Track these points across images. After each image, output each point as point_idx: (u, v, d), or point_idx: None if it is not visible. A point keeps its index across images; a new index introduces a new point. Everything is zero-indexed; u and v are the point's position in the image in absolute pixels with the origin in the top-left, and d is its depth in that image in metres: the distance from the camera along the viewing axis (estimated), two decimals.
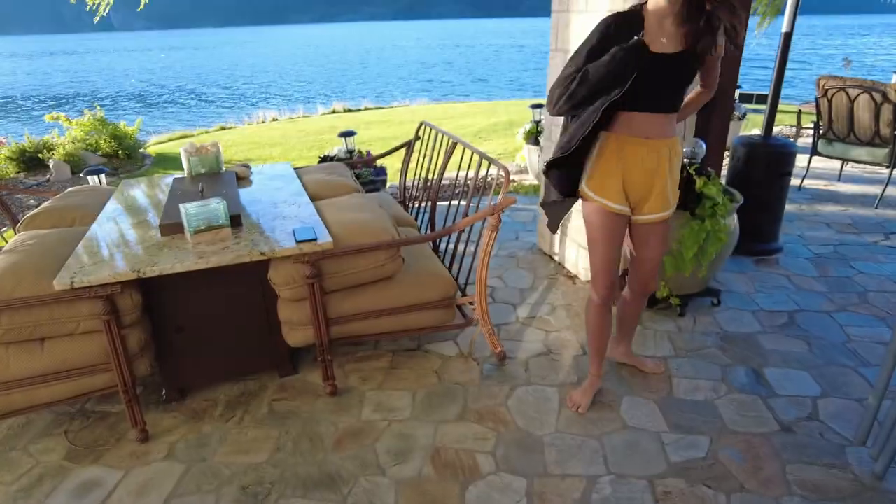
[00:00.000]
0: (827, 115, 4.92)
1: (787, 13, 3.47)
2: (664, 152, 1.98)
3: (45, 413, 2.40)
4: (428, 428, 2.27)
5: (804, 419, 2.28)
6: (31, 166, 7.39)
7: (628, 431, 2.24)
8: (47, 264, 2.10)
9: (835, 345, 2.78)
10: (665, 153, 1.98)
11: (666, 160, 1.99)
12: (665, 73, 1.86)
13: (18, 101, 25.20)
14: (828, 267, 3.63)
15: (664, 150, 1.98)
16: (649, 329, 2.94)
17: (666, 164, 2.00)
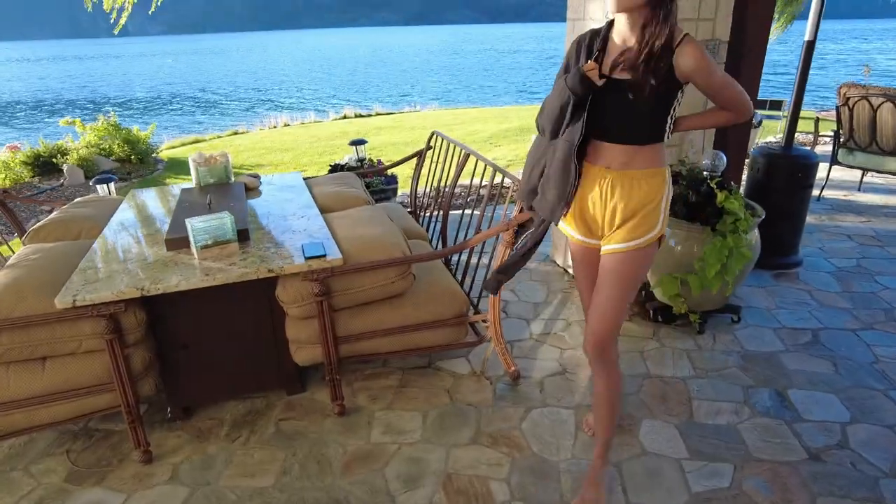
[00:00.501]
0: (848, 123, 4.81)
1: (809, 20, 3.37)
2: (636, 184, 1.70)
3: (48, 431, 2.35)
4: (439, 452, 2.19)
5: (833, 447, 2.17)
6: (45, 171, 7.43)
7: (648, 458, 2.15)
8: (50, 281, 2.05)
9: (862, 365, 2.67)
10: (636, 185, 1.70)
11: (637, 191, 1.70)
12: (619, 101, 1.63)
13: (33, 105, 25.49)
14: (851, 282, 3.51)
15: (636, 182, 1.70)
16: (667, 347, 2.85)
17: (637, 196, 1.71)
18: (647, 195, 1.71)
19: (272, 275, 2.12)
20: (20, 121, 20.74)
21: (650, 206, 1.71)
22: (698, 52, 1.55)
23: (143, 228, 2.59)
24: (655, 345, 2.88)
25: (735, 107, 1.72)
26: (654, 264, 2.97)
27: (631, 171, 1.70)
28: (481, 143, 8.54)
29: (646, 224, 1.73)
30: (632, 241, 1.72)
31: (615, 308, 1.77)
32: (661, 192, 1.73)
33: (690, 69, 1.57)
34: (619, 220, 1.74)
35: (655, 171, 1.72)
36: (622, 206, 1.72)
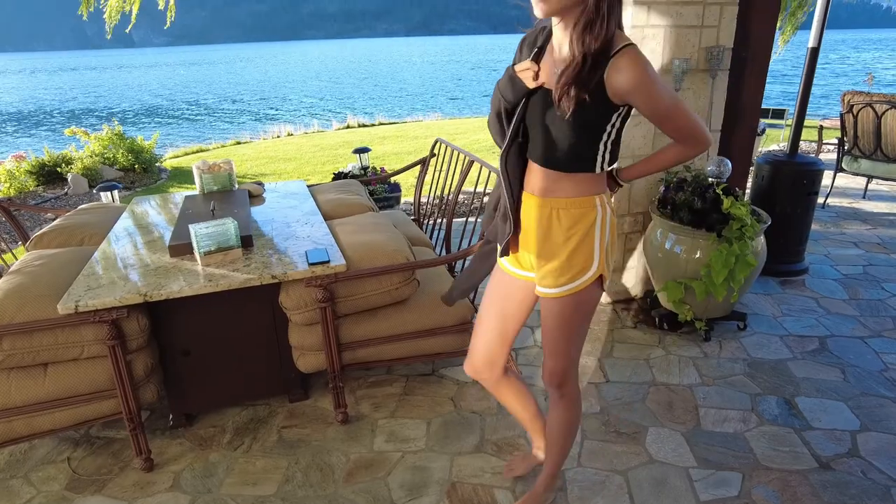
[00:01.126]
0: (852, 131, 4.80)
1: (813, 28, 3.37)
2: (555, 215, 1.48)
3: (48, 438, 2.33)
4: (443, 460, 2.16)
5: (843, 455, 2.14)
6: (49, 180, 7.46)
7: (655, 466, 2.12)
8: (52, 287, 2.04)
9: (871, 373, 2.64)
10: (555, 216, 1.48)
11: (557, 224, 1.49)
12: (545, 116, 1.39)
13: (38, 115, 25.67)
14: (858, 289, 3.49)
15: (554, 213, 1.48)
16: (673, 355, 2.82)
17: (558, 231, 1.49)
18: (569, 231, 1.47)
19: (275, 281, 2.11)
20: (25, 131, 20.87)
21: (573, 244, 1.47)
22: (637, 65, 1.26)
23: (146, 235, 2.59)
24: (661, 352, 2.85)
25: (686, 138, 1.42)
26: (660, 272, 2.95)
27: (551, 198, 1.47)
28: (484, 152, 8.55)
29: (575, 266, 1.48)
30: (564, 287, 1.50)
31: (567, 346, 1.59)
32: (590, 226, 1.47)
33: (625, 87, 1.28)
34: (539, 258, 1.53)
35: (582, 202, 1.46)
36: (541, 241, 1.51)
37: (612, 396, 2.52)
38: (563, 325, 1.56)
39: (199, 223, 2.23)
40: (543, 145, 1.43)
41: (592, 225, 1.47)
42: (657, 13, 2.83)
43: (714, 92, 3.08)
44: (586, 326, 1.62)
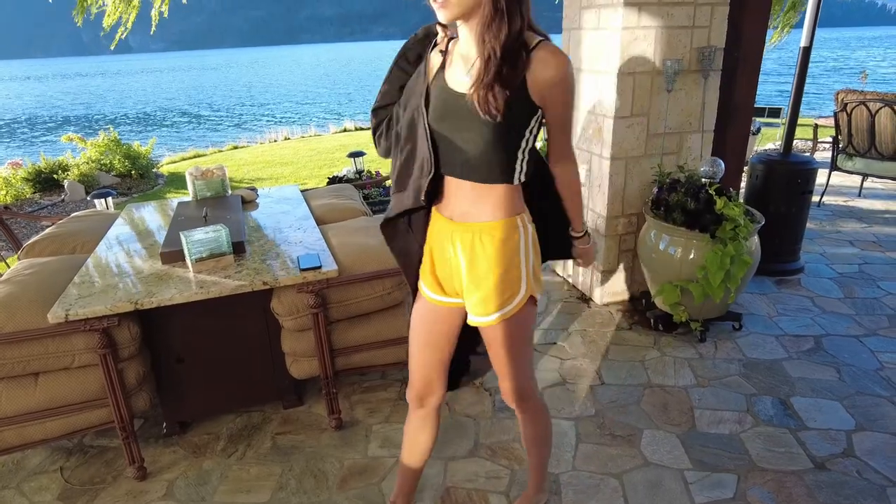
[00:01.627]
0: (846, 129, 4.80)
1: (805, 27, 3.38)
2: (478, 241, 1.40)
3: (41, 448, 2.32)
4: (437, 465, 2.15)
5: (839, 455, 2.13)
6: (46, 187, 7.46)
7: (650, 469, 2.11)
8: (43, 295, 2.03)
9: (866, 372, 2.64)
10: (478, 243, 1.40)
11: (482, 252, 1.40)
12: (457, 119, 1.31)
13: (34, 122, 25.65)
14: (853, 287, 3.48)
15: (477, 239, 1.39)
16: (668, 356, 2.82)
17: (482, 258, 1.40)
18: (494, 258, 1.40)
19: (267, 287, 2.10)
20: (22, 138, 20.86)
21: (499, 271, 1.40)
22: (563, 57, 1.25)
23: (138, 242, 2.58)
24: (656, 354, 2.85)
25: (568, 155, 1.44)
26: (654, 273, 2.95)
27: (472, 223, 1.39)
28: None
29: (504, 293, 1.42)
30: (495, 315, 1.44)
31: (514, 367, 1.54)
32: (514, 250, 1.41)
33: (549, 78, 1.25)
34: (467, 286, 1.45)
35: (504, 225, 1.39)
36: (468, 269, 1.43)
37: (606, 399, 2.51)
38: (505, 350, 1.51)
39: (190, 230, 2.22)
40: (461, 156, 1.34)
41: (517, 248, 1.41)
42: (648, 14, 2.84)
43: (706, 92, 3.08)
44: (529, 345, 1.56)
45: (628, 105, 2.97)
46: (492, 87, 1.22)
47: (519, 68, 1.24)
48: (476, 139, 1.30)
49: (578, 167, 1.43)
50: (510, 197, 1.39)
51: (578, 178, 1.52)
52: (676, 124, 3.09)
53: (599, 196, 3.19)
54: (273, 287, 2.13)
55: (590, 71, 3.14)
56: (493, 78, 1.22)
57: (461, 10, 1.23)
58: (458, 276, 1.46)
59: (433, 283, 1.52)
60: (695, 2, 2.89)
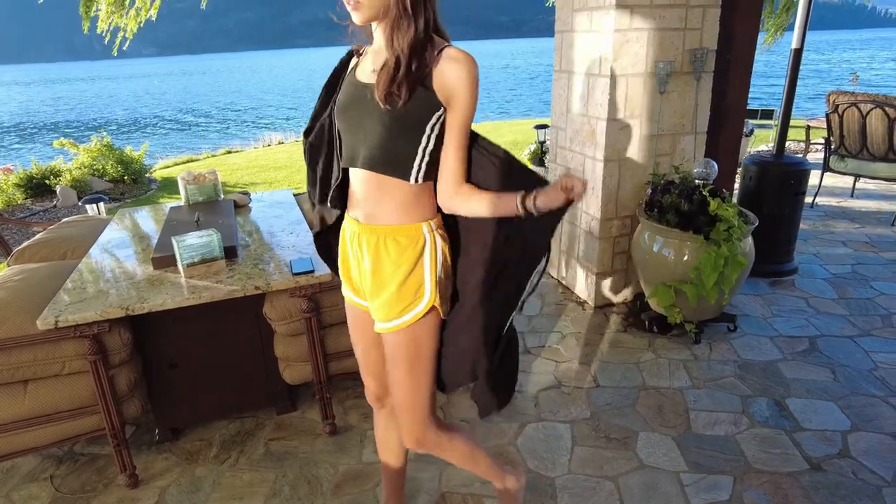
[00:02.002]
0: (838, 130, 4.83)
1: (796, 29, 3.39)
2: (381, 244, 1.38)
3: (30, 456, 2.29)
4: (432, 470, 2.14)
5: (834, 456, 2.13)
6: (38, 192, 7.40)
7: (645, 471, 2.10)
8: (32, 302, 2.01)
9: (861, 373, 2.64)
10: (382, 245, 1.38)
11: (385, 254, 1.38)
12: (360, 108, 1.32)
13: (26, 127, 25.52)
14: (847, 288, 3.49)
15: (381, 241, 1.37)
16: (663, 358, 2.81)
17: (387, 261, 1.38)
18: (397, 261, 1.37)
19: (259, 292, 2.09)
20: (13, 143, 20.74)
21: (401, 274, 1.37)
22: (471, 59, 1.26)
23: (129, 247, 2.56)
24: (651, 356, 2.84)
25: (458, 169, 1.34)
26: (649, 275, 2.95)
27: (377, 225, 1.37)
28: None
29: (405, 298, 1.38)
30: (395, 321, 1.40)
31: (411, 393, 1.46)
32: (419, 255, 1.37)
33: (455, 77, 1.25)
34: (371, 289, 1.43)
35: (408, 229, 1.36)
36: (372, 272, 1.41)
37: (602, 401, 2.50)
38: (401, 365, 1.44)
39: (182, 235, 2.21)
40: (364, 146, 1.33)
41: (421, 254, 1.37)
42: (640, 16, 2.84)
43: (699, 94, 3.09)
44: (428, 371, 1.46)
45: (621, 107, 2.97)
46: (395, 77, 1.25)
47: (425, 62, 1.26)
48: (377, 128, 1.29)
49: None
50: (415, 200, 1.36)
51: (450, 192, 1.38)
52: (669, 126, 3.10)
53: (593, 198, 3.19)
54: (265, 292, 2.11)
55: (582, 73, 3.14)
56: (400, 70, 1.25)
57: (373, 12, 1.25)
58: (365, 279, 1.44)
59: (350, 284, 1.53)
60: (686, 4, 2.90)
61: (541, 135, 5.83)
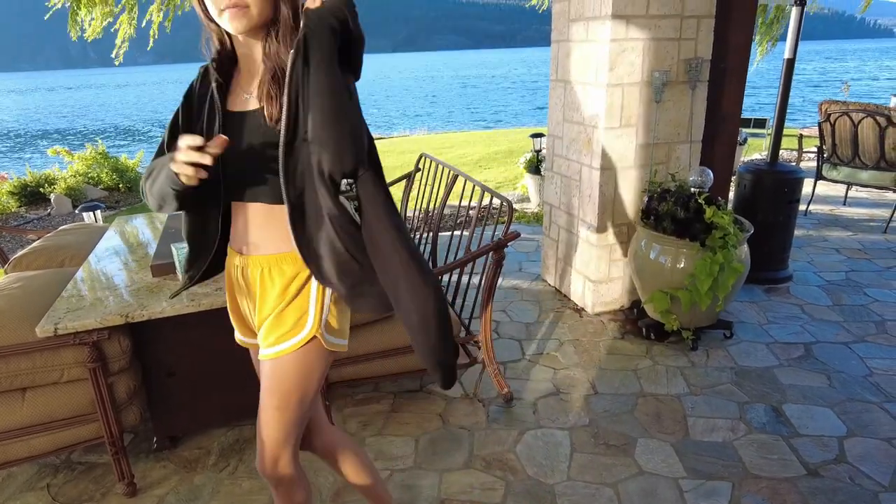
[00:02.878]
0: (830, 139, 4.88)
1: (788, 39, 3.44)
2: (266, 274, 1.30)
3: (27, 465, 2.27)
4: (432, 477, 2.14)
5: (831, 462, 2.15)
6: (32, 201, 7.38)
7: (644, 477, 2.11)
8: (31, 309, 2.00)
9: (856, 379, 2.66)
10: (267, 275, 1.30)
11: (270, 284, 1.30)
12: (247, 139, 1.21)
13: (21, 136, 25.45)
14: (841, 295, 3.52)
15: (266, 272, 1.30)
16: (661, 365, 2.83)
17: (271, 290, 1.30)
18: (283, 289, 1.29)
19: None
20: (7, 151, 20.67)
21: (286, 299, 1.30)
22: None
23: (128, 255, 2.56)
24: (648, 362, 2.86)
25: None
26: (645, 282, 2.97)
27: (259, 256, 1.29)
28: (471, 166, 8.59)
29: (286, 324, 1.29)
30: (275, 347, 1.31)
31: (274, 420, 1.35)
32: (304, 282, 1.29)
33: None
34: (258, 317, 1.35)
35: (293, 257, 1.26)
36: (260, 302, 1.33)
37: (600, 408, 2.51)
38: (271, 393, 1.34)
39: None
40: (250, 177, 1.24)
41: (307, 281, 1.29)
42: (636, 27, 2.88)
43: (694, 103, 3.12)
44: (301, 403, 1.36)
45: (617, 116, 3.00)
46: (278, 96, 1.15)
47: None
48: (270, 156, 1.17)
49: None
50: None
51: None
52: (665, 135, 3.13)
53: (589, 206, 3.22)
54: None
55: (579, 83, 3.18)
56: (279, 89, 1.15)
57: (260, 21, 1.14)
58: (254, 309, 1.36)
59: (239, 323, 1.44)
60: (681, 14, 2.94)
61: (537, 143, 5.86)
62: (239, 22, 1.13)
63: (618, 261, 3.30)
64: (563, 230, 3.55)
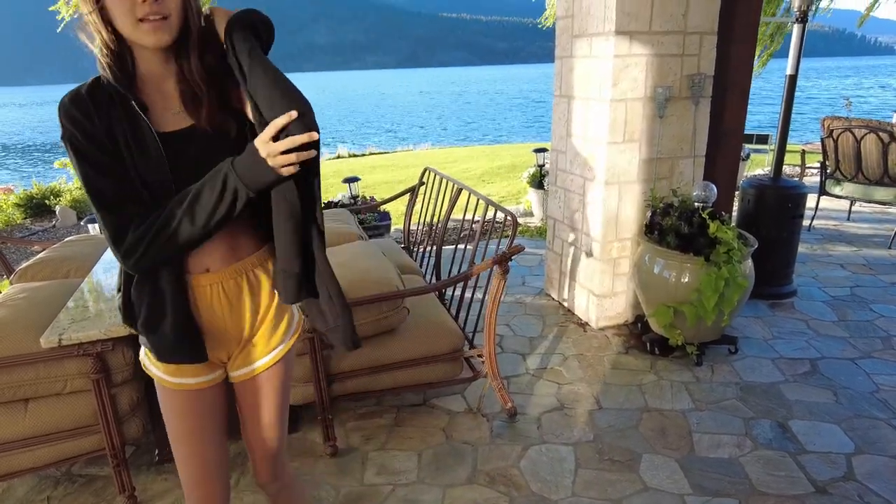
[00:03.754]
0: (833, 155, 4.89)
1: (790, 56, 3.47)
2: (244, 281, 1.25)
3: (28, 477, 2.26)
4: (435, 493, 2.12)
5: (840, 479, 2.12)
6: (38, 213, 7.43)
7: (649, 494, 2.09)
8: (35, 320, 2.00)
9: (863, 395, 2.64)
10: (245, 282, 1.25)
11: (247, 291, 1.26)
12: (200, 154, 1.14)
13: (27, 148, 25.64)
14: (846, 310, 3.51)
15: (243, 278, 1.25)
16: (665, 380, 2.81)
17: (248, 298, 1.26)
18: (269, 286, 1.29)
19: None
20: (13, 163, 20.82)
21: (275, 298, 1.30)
22: None
23: None
24: (653, 377, 2.84)
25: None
26: (649, 296, 2.96)
27: (236, 264, 1.23)
28: (475, 181, 8.62)
29: (283, 320, 1.34)
30: (277, 349, 1.33)
31: (281, 423, 1.42)
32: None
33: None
34: (248, 329, 1.29)
35: (271, 252, 1.25)
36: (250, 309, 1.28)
37: (605, 423, 2.49)
38: (280, 396, 1.35)
39: None
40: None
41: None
42: (639, 43, 2.90)
43: (697, 118, 3.14)
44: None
45: (620, 131, 3.02)
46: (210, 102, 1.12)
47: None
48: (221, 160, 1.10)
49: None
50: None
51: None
52: (668, 150, 3.14)
53: (593, 220, 3.22)
54: None
55: (582, 98, 3.20)
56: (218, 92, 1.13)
57: (182, 27, 1.08)
58: (233, 332, 1.28)
59: (214, 353, 1.29)
60: (684, 31, 2.97)
61: (540, 158, 5.89)
62: (162, 33, 1.05)
63: (622, 275, 3.29)
64: (566, 244, 3.55)
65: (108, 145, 1.08)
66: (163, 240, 1.07)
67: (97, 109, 1.08)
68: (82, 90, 1.09)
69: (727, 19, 3.06)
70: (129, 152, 1.09)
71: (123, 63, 1.09)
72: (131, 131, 1.09)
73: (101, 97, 1.09)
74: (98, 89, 1.09)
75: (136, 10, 1.01)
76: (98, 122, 1.07)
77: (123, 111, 1.09)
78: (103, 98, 1.09)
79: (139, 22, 1.01)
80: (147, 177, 1.10)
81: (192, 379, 1.29)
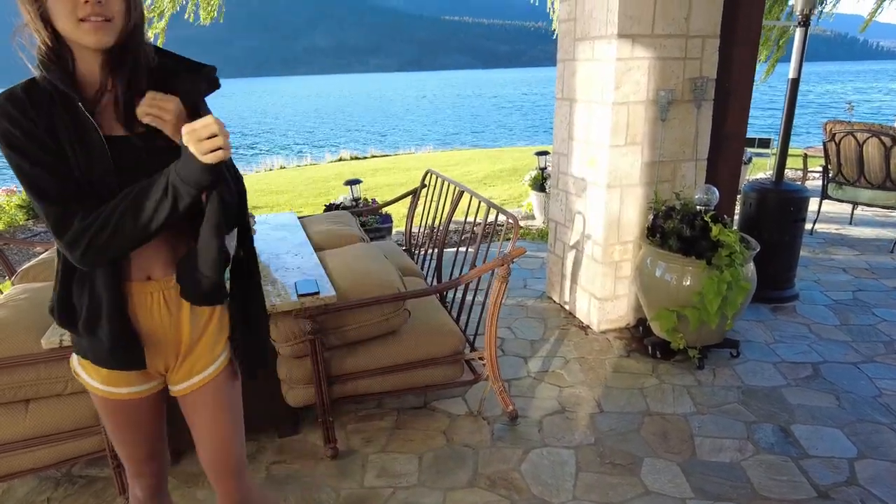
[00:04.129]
0: (835, 158, 4.89)
1: (793, 60, 3.47)
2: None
3: (28, 478, 2.26)
4: (436, 496, 2.11)
5: (842, 484, 2.11)
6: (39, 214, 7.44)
7: (651, 498, 2.08)
8: (37, 321, 2.01)
9: (865, 399, 2.63)
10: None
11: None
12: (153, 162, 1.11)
13: None
14: (849, 314, 3.50)
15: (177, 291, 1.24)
16: (667, 384, 2.80)
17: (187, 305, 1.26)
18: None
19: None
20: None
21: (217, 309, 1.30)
22: None
23: None
24: (655, 381, 2.83)
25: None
26: (651, 300, 2.95)
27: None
28: (476, 184, 8.62)
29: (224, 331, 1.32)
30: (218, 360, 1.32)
31: (237, 435, 1.38)
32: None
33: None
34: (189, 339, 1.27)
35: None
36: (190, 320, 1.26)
37: (606, 427, 2.48)
38: (229, 408, 1.32)
39: None
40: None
41: None
42: (641, 46, 2.91)
43: (699, 121, 3.14)
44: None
45: (622, 134, 3.02)
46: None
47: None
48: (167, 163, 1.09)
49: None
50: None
51: None
52: (670, 153, 3.14)
53: (595, 223, 3.22)
54: (270, 313, 2.11)
55: (584, 101, 3.20)
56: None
57: (124, 31, 1.07)
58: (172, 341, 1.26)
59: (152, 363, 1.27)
60: (686, 34, 2.97)
61: (542, 161, 5.89)
62: (104, 34, 1.03)
63: (623, 278, 3.29)
64: (568, 247, 3.54)
65: (51, 144, 1.06)
66: (108, 233, 1.06)
67: (36, 108, 1.06)
68: (17, 90, 1.07)
69: (729, 22, 3.06)
70: (73, 151, 1.08)
71: (64, 64, 1.07)
72: (75, 131, 1.08)
73: (39, 97, 1.07)
74: (35, 89, 1.07)
75: (78, 10, 1.01)
76: (38, 121, 1.06)
77: (65, 111, 1.08)
78: (42, 97, 1.07)
79: (80, 22, 1.01)
80: (92, 176, 1.09)
81: (125, 388, 1.27)
